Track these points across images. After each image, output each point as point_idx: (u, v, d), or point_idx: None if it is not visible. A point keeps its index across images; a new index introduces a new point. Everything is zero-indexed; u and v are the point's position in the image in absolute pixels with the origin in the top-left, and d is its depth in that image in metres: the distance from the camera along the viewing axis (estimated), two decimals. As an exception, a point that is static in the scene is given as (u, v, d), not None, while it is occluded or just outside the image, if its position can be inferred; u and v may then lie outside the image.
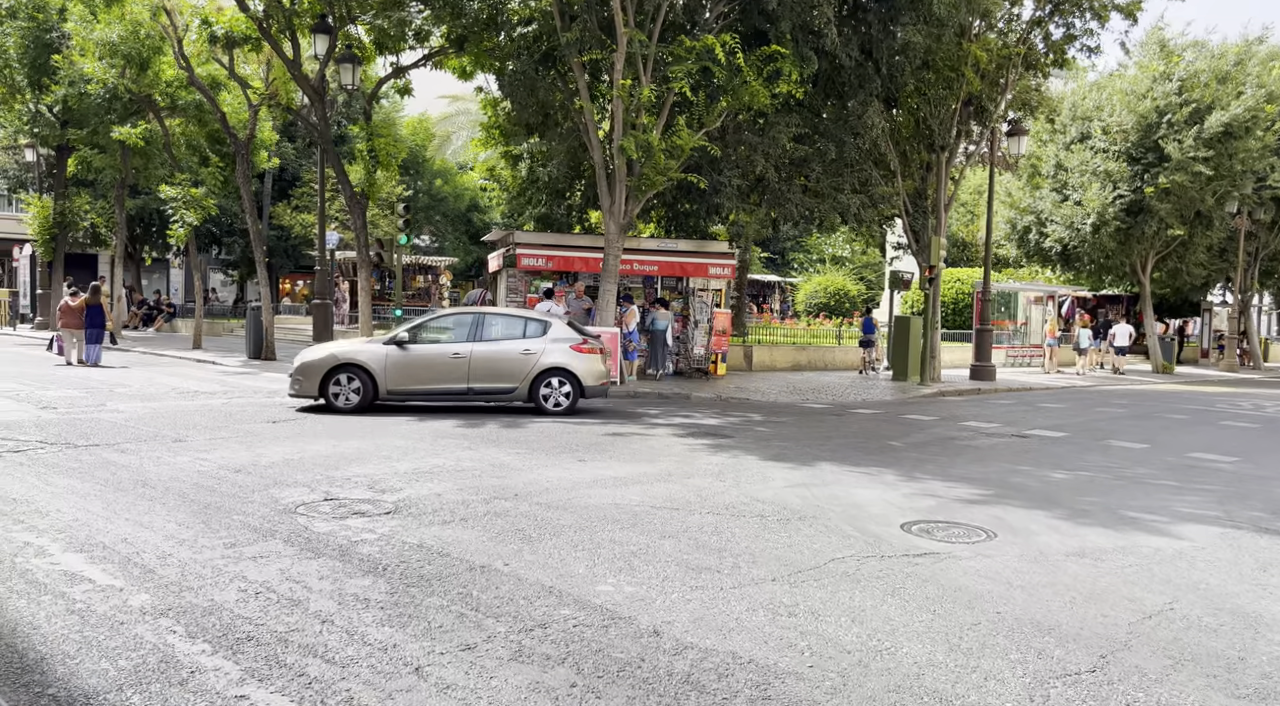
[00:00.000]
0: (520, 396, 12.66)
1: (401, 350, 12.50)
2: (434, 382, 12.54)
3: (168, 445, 9.21)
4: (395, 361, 12.46)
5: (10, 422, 10.42)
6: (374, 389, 12.40)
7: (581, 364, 12.67)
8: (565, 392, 12.68)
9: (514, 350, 12.63)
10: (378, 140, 17.64)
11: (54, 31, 24.95)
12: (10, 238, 38.80)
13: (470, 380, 12.56)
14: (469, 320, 13.04)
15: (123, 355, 21.45)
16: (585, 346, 12.76)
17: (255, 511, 6.42)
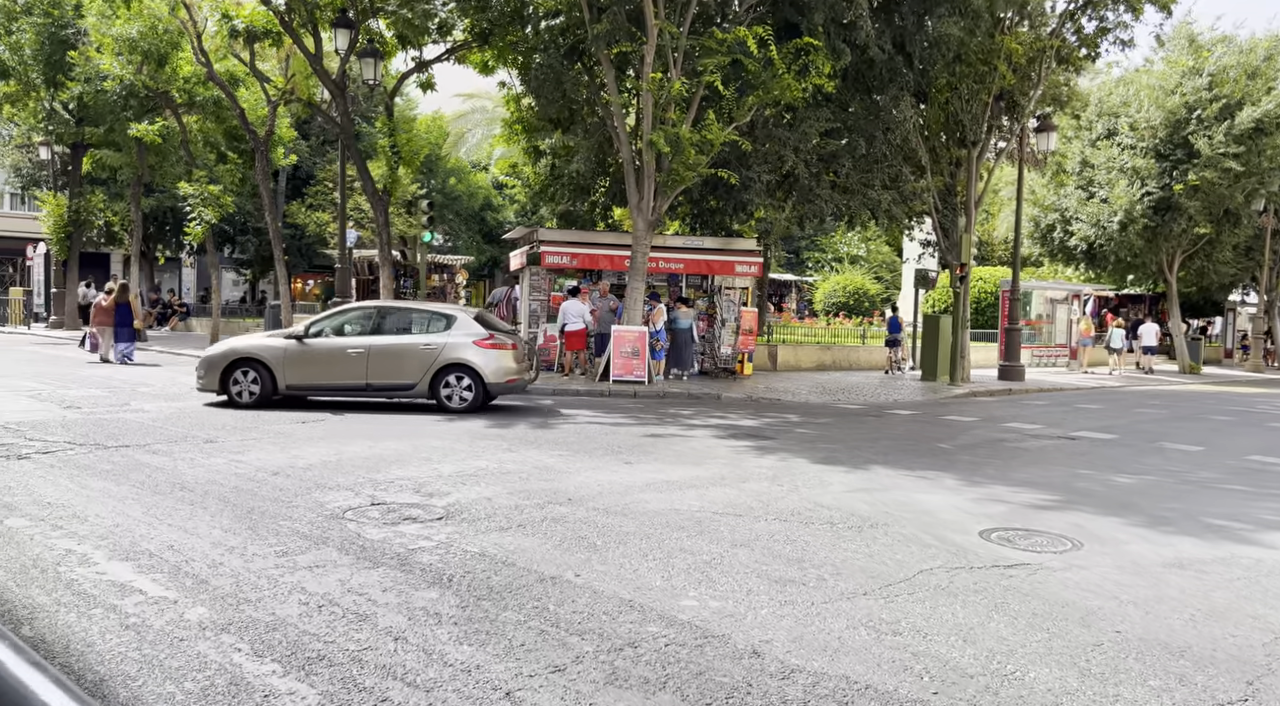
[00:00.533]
0: (420, 393, 12.19)
1: (300, 345, 12.22)
2: (332, 378, 12.24)
3: (199, 446, 8.94)
4: (294, 356, 12.18)
5: (36, 422, 10.17)
6: (272, 383, 12.16)
7: (485, 360, 12.07)
8: (467, 388, 12.14)
9: (414, 345, 12.19)
10: (400, 136, 17.37)
11: (69, 28, 24.75)
12: (24, 236, 38.66)
13: (369, 376, 12.17)
14: (370, 314, 12.69)
15: (140, 354, 21.23)
16: (490, 342, 12.15)
17: (302, 517, 6.13)
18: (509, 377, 12.30)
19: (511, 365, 12.30)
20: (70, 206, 27.30)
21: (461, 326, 12.33)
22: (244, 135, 21.98)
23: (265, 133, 19.79)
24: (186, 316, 31.31)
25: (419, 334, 12.38)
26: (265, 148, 19.67)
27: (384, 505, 6.54)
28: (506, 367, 12.24)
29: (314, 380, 12.27)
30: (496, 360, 12.14)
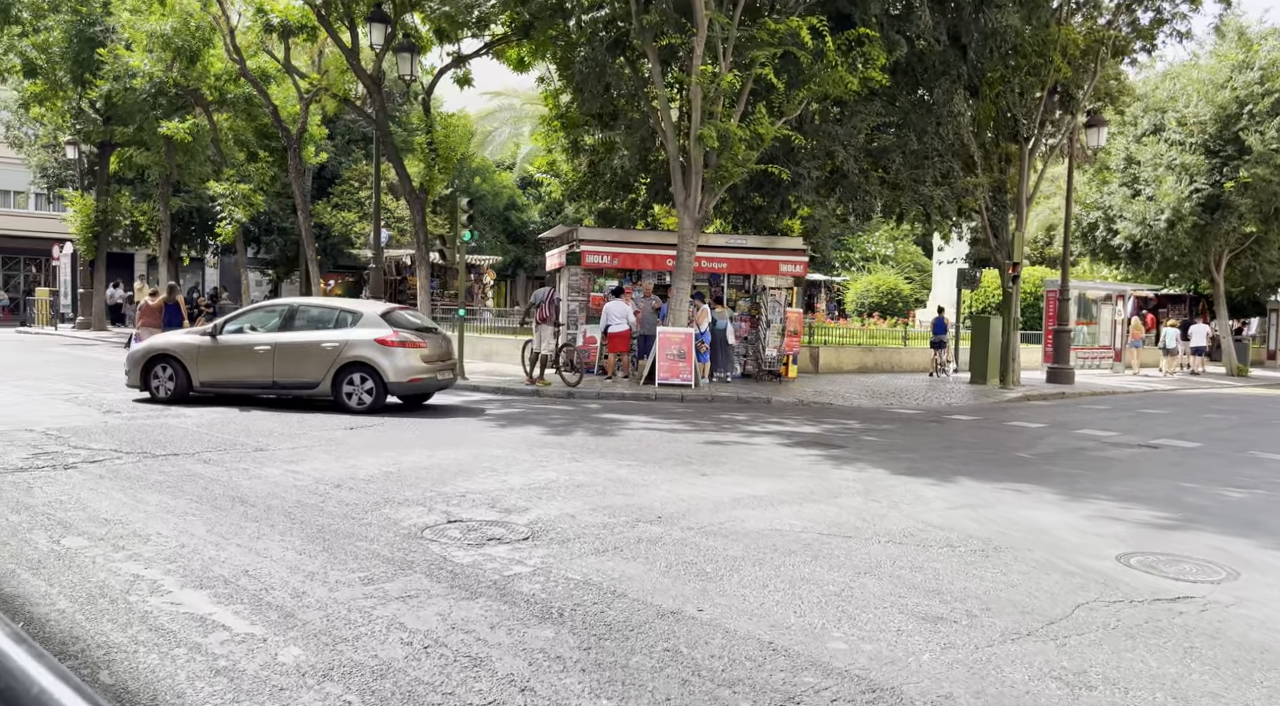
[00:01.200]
0: (324, 392, 11.84)
1: (213, 342, 12.14)
2: (241, 375, 12.11)
3: (250, 455, 8.53)
4: (206, 353, 12.14)
5: (78, 429, 9.79)
6: (187, 380, 12.16)
7: (386, 359, 11.62)
8: (368, 390, 11.74)
9: (317, 343, 11.84)
10: (438, 132, 16.95)
11: (97, 25, 24.49)
12: (49, 237, 38.58)
13: (275, 373, 11.97)
14: (280, 311, 12.55)
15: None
16: (394, 339, 11.72)
17: (378, 536, 5.69)
18: (412, 377, 11.80)
19: (417, 364, 11.82)
20: (97, 206, 27.08)
21: (366, 324, 11.93)
22: (274, 133, 21.66)
23: (298, 130, 19.43)
24: (213, 317, 31.02)
25: (323, 331, 12.01)
26: (297, 145, 19.31)
27: (462, 523, 6.09)
28: (410, 367, 11.75)
29: (224, 377, 12.18)
30: (398, 359, 11.67)
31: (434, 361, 12.12)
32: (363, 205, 33.06)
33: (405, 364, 11.70)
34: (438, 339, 12.50)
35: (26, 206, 39.07)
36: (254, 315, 12.67)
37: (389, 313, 12.32)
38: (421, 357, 11.89)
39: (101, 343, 24.50)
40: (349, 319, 12.06)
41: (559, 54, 17.38)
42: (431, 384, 12.22)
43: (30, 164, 31.96)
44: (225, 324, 12.49)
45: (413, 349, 11.82)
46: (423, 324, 12.76)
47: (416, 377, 11.86)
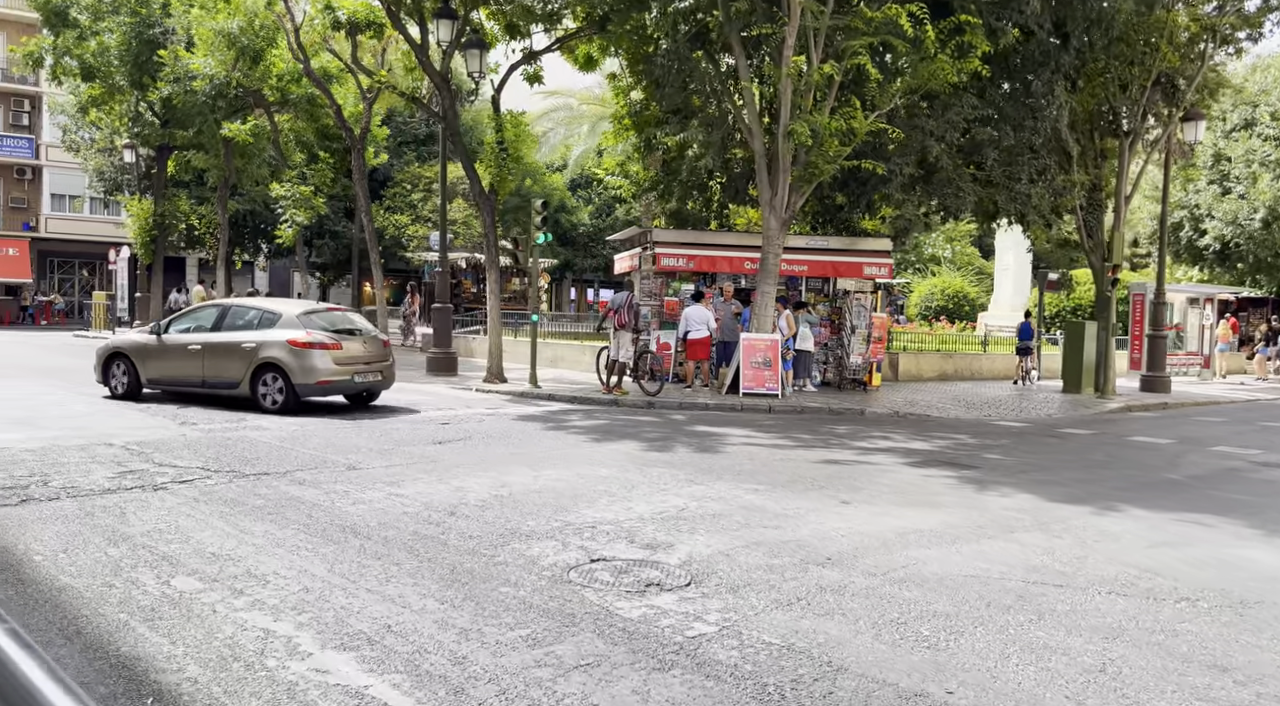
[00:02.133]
0: (244, 392, 11.97)
1: (157, 341, 12.57)
2: (178, 373, 12.47)
3: (344, 474, 7.92)
4: (151, 351, 12.58)
5: (158, 443, 9.28)
6: (136, 378, 12.63)
7: (295, 360, 11.61)
8: (279, 389, 11.74)
9: (239, 343, 12.02)
10: (509, 131, 16.35)
11: (157, 27, 24.31)
12: (104, 240, 38.79)
13: (204, 372, 12.28)
14: (214, 311, 12.88)
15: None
16: (304, 341, 11.66)
17: (521, 579, 5.00)
18: (320, 380, 11.71)
19: (328, 366, 11.74)
20: (155, 210, 26.94)
21: (283, 325, 11.99)
22: (336, 134, 21.27)
23: (361, 130, 18.97)
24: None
25: (245, 332, 12.16)
26: (361, 145, 18.86)
27: (607, 562, 5.38)
28: (320, 369, 11.68)
29: (166, 375, 12.58)
30: (306, 360, 11.63)
31: (352, 363, 12.06)
32: (415, 208, 32.70)
33: (314, 365, 11.64)
34: (362, 341, 12.43)
35: (82, 211, 39.32)
36: (194, 315, 13.08)
37: (308, 313, 12.42)
38: (334, 359, 11.81)
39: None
40: (269, 320, 12.16)
41: (631, 49, 16.70)
42: (346, 386, 12.13)
43: (87, 168, 32.02)
44: (169, 324, 12.94)
45: (325, 351, 11.75)
46: (348, 326, 12.66)
47: (325, 380, 11.79)
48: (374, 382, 12.54)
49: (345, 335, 12.21)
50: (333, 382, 11.86)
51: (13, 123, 37.85)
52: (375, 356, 12.53)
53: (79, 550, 5.44)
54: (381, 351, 12.73)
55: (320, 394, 11.97)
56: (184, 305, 32.40)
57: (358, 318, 13.65)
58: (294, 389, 11.64)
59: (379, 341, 12.80)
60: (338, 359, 11.82)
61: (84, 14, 24.42)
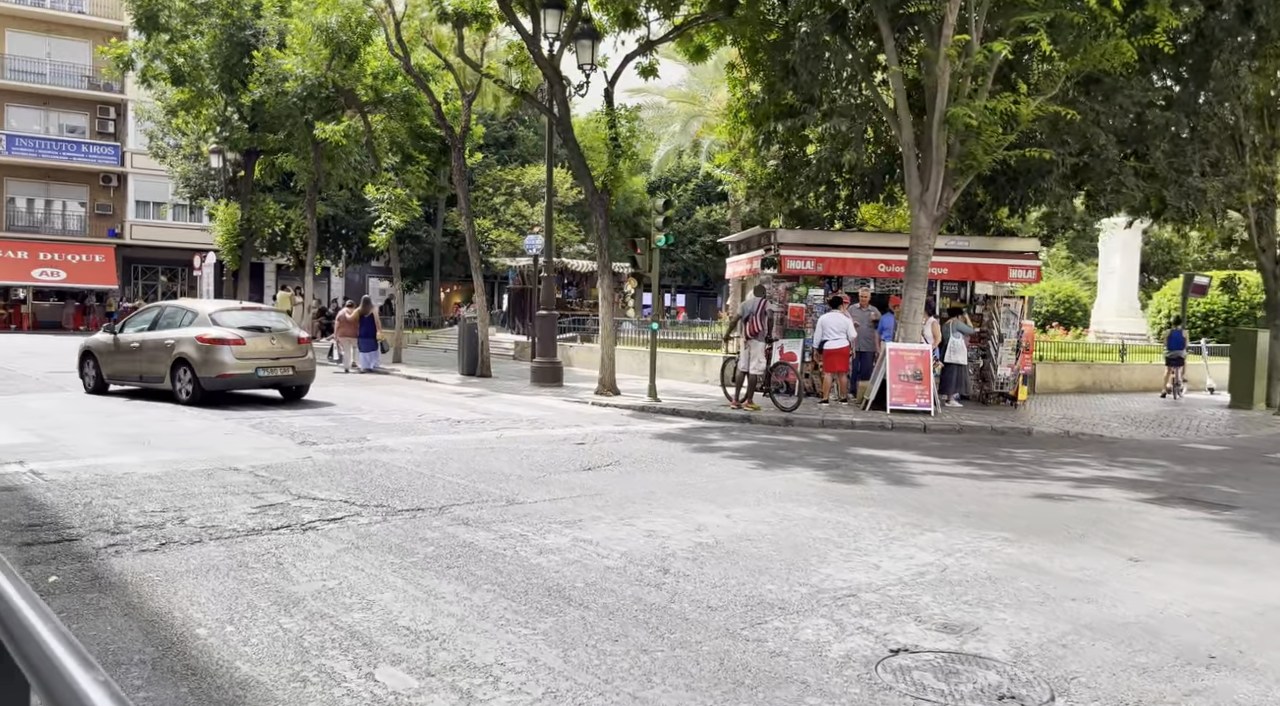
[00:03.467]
0: (167, 386, 12.86)
1: (113, 340, 13.53)
2: (126, 369, 13.41)
3: (506, 510, 6.86)
4: (109, 350, 13.55)
5: (284, 467, 8.36)
6: (101, 375, 13.62)
7: (200, 355, 12.46)
8: (189, 381, 12.57)
9: (163, 340, 12.90)
10: (622, 127, 15.30)
11: (248, 29, 23.88)
12: (187, 247, 38.93)
13: (141, 368, 13.17)
14: (154, 313, 13.86)
15: (322, 370, 19.92)
16: (209, 337, 12.50)
17: (819, 681, 3.81)
18: (221, 373, 12.48)
19: (229, 361, 12.50)
20: (242, 215, 26.58)
21: (197, 323, 12.84)
22: (430, 134, 20.50)
23: (461, 128, 18.11)
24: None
25: (169, 330, 12.99)
26: (462, 144, 17.99)
27: (912, 654, 4.16)
28: (222, 363, 12.47)
29: (119, 371, 13.54)
30: (210, 355, 12.42)
31: (257, 358, 12.75)
32: (497, 212, 31.94)
33: (217, 359, 12.43)
34: (270, 338, 13.14)
35: (165, 217, 39.55)
36: (141, 316, 14.04)
37: (221, 312, 13.26)
38: (236, 355, 12.50)
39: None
40: (189, 319, 13.04)
41: (752, 36, 15.51)
42: (249, 380, 12.81)
43: (173, 174, 31.98)
44: (124, 324, 13.92)
45: (228, 346, 12.48)
46: (257, 324, 13.33)
47: (226, 373, 12.51)
48: (281, 377, 13.16)
49: (253, 332, 12.94)
50: (234, 376, 12.58)
51: (99, 130, 38.23)
52: (284, 352, 13.18)
53: (247, 620, 4.42)
54: (294, 348, 13.35)
55: (223, 386, 12.65)
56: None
57: (273, 316, 14.30)
58: (199, 382, 12.42)
59: (292, 338, 13.44)
60: (240, 354, 12.52)
61: (176, 17, 24.10)
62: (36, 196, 37.62)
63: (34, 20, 36.90)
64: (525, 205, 32.09)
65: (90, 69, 37.88)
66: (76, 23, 37.71)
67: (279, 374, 13.08)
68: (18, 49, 36.57)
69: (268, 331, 13.21)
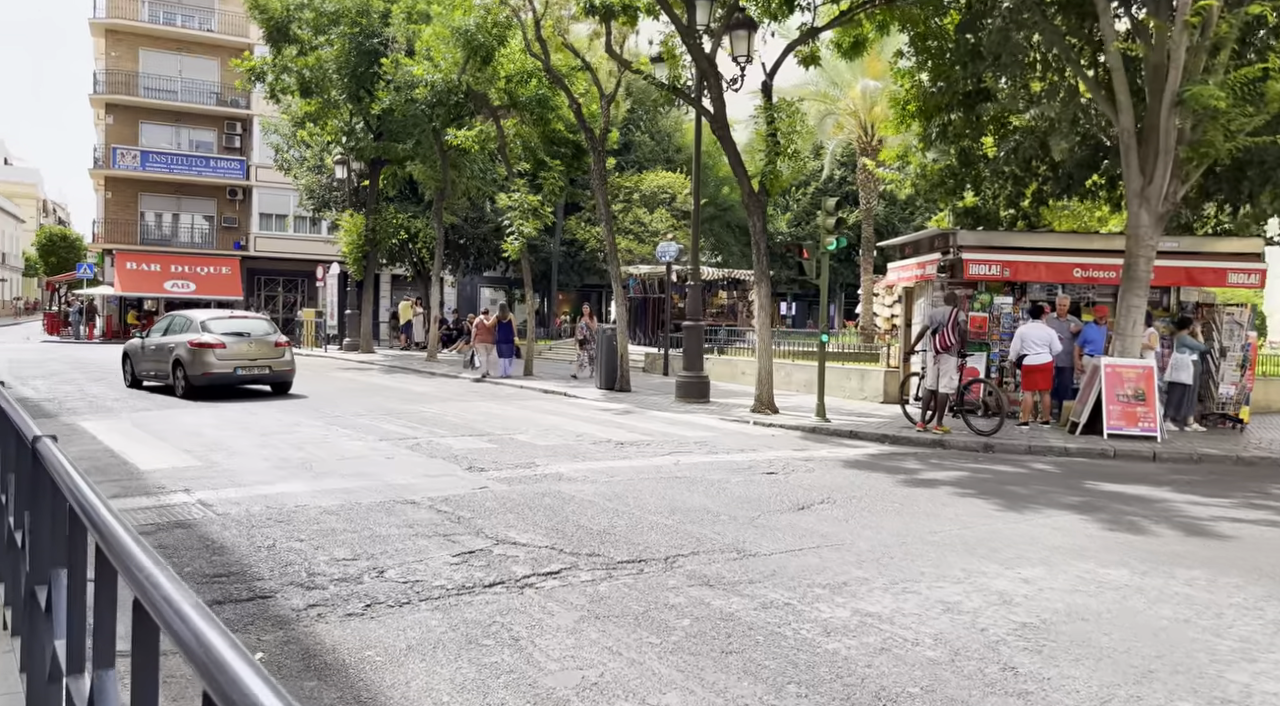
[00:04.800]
0: (169, 382, 14.88)
1: (141, 343, 16.02)
2: (148, 368, 15.59)
3: (744, 564, 5.71)
4: (138, 352, 15.94)
5: (465, 501, 7.42)
6: (134, 372, 16.01)
7: (189, 357, 14.40)
8: (181, 378, 14.53)
9: (167, 344, 15.02)
10: (781, 122, 14.09)
11: (376, 37, 23.69)
12: (308, 258, 39.55)
13: (156, 367, 15.32)
14: (168, 320, 15.99)
15: (457, 382, 19.33)
16: (196, 342, 14.49)
17: None
18: (205, 371, 14.39)
19: (213, 361, 14.44)
20: (367, 225, 26.46)
21: (191, 330, 14.88)
22: (563, 138, 19.72)
23: (601, 130, 17.20)
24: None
25: (172, 335, 15.12)
26: (602, 147, 17.08)
27: None
28: (206, 363, 14.41)
29: (143, 369, 15.74)
30: (198, 357, 14.40)
31: (236, 359, 14.64)
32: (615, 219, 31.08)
33: (202, 360, 14.40)
34: (249, 342, 15.05)
35: (287, 230, 40.29)
36: (160, 324, 16.28)
37: (210, 320, 15.30)
38: (218, 356, 14.46)
39: (375, 366, 23.54)
40: (188, 326, 15.08)
41: (924, 20, 14.09)
42: (229, 377, 14.60)
43: (298, 186, 32.33)
44: (152, 330, 16.26)
45: (210, 349, 14.46)
46: (240, 330, 15.24)
47: (209, 372, 14.42)
48: (258, 375, 15.06)
49: (234, 337, 14.89)
50: (216, 374, 14.46)
51: (226, 145, 39.23)
52: (261, 354, 15.09)
53: (515, 739, 3.36)
54: (271, 350, 15.24)
55: (207, 383, 14.47)
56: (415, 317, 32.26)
57: (257, 324, 16.01)
58: (188, 379, 14.38)
59: (269, 343, 15.31)
60: (221, 356, 14.47)
61: (305, 28, 24.13)
62: (168, 211, 38.85)
63: (167, 39, 38.15)
64: (644, 212, 31.16)
65: (218, 85, 38.95)
66: (206, 40, 38.83)
67: (256, 372, 14.95)
68: (151, 67, 37.85)
69: (248, 336, 15.14)
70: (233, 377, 14.62)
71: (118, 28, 37.07)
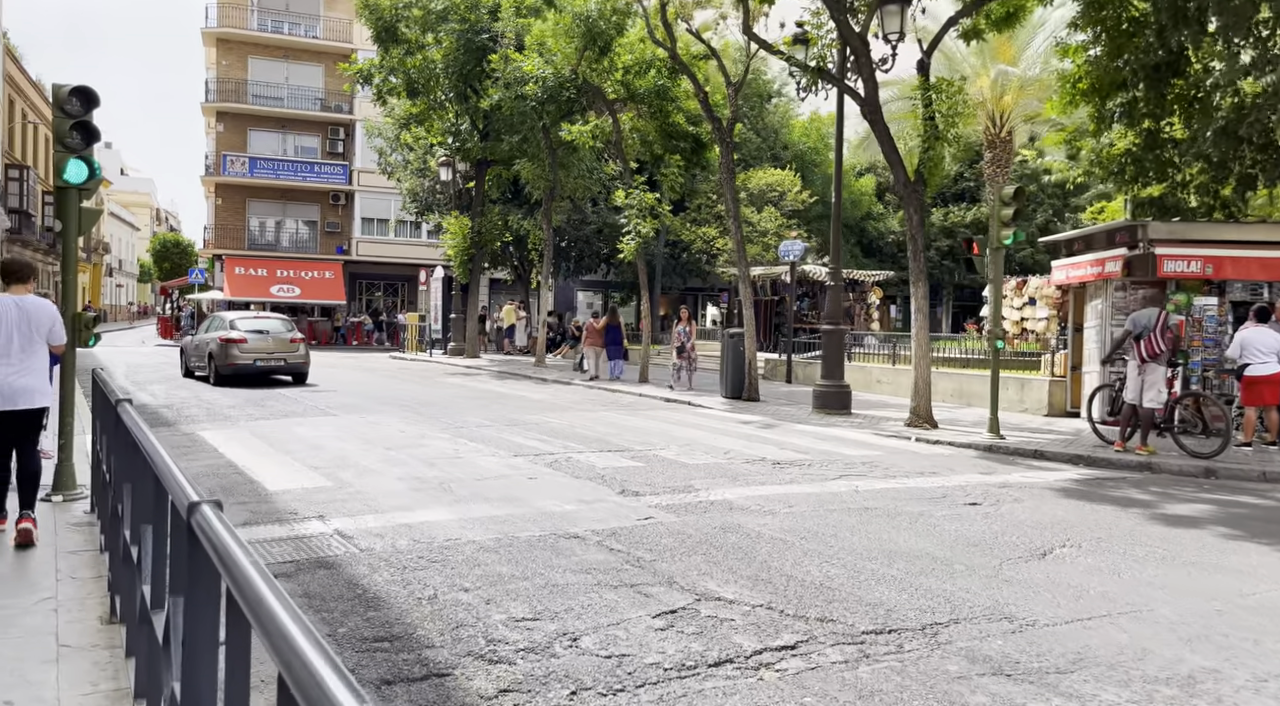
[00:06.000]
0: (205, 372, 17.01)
1: (192, 340, 18.41)
2: (194, 361, 17.73)
3: (1028, 639, 4.43)
4: (189, 347, 18.38)
5: (635, 535, 6.30)
6: (186, 365, 18.30)
7: (218, 350, 16.52)
8: (213, 369, 16.62)
9: (205, 340, 17.25)
10: (941, 103, 12.64)
11: (484, 33, 23.04)
12: (407, 262, 39.54)
13: (198, 360, 17.41)
14: (209, 320, 18.73)
15: (572, 389, 18.39)
16: (224, 337, 16.65)
17: None
18: (230, 362, 16.46)
19: (236, 354, 16.50)
20: (473, 227, 25.88)
21: (221, 328, 17.13)
22: (682, 131, 18.59)
23: (728, 119, 15.99)
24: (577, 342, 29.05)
25: (209, 333, 17.41)
26: (730, 137, 15.87)
27: None
28: (231, 355, 16.48)
29: (191, 363, 18.02)
30: (224, 350, 16.49)
31: (255, 352, 16.71)
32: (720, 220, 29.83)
33: (227, 353, 16.48)
34: (268, 338, 17.08)
35: (387, 234, 40.37)
36: (204, 323, 19.06)
37: (237, 319, 17.59)
38: (240, 350, 16.56)
39: (484, 372, 22.85)
40: (220, 324, 17.30)
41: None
42: (249, 368, 16.63)
43: (401, 190, 32.13)
44: (199, 328, 19.01)
45: (233, 343, 16.58)
46: (261, 328, 17.36)
47: (232, 363, 16.49)
48: (276, 366, 17.04)
49: (256, 334, 16.98)
50: (238, 365, 16.52)
51: (329, 151, 39.54)
52: (278, 348, 17.14)
53: None
54: (287, 345, 17.26)
55: (232, 372, 16.52)
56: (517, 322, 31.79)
57: (276, 323, 18.14)
58: (216, 369, 16.58)
59: (285, 339, 17.32)
60: (243, 349, 16.61)
61: (413, 26, 23.68)
62: (274, 216, 39.36)
63: (274, 46, 38.68)
64: (751, 211, 29.82)
65: (322, 91, 39.31)
66: (311, 47, 39.24)
67: (273, 364, 17.04)
68: (259, 75, 38.43)
69: (267, 333, 17.22)
70: (252, 368, 16.68)
71: (229, 37, 37.75)
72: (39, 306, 5.51)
